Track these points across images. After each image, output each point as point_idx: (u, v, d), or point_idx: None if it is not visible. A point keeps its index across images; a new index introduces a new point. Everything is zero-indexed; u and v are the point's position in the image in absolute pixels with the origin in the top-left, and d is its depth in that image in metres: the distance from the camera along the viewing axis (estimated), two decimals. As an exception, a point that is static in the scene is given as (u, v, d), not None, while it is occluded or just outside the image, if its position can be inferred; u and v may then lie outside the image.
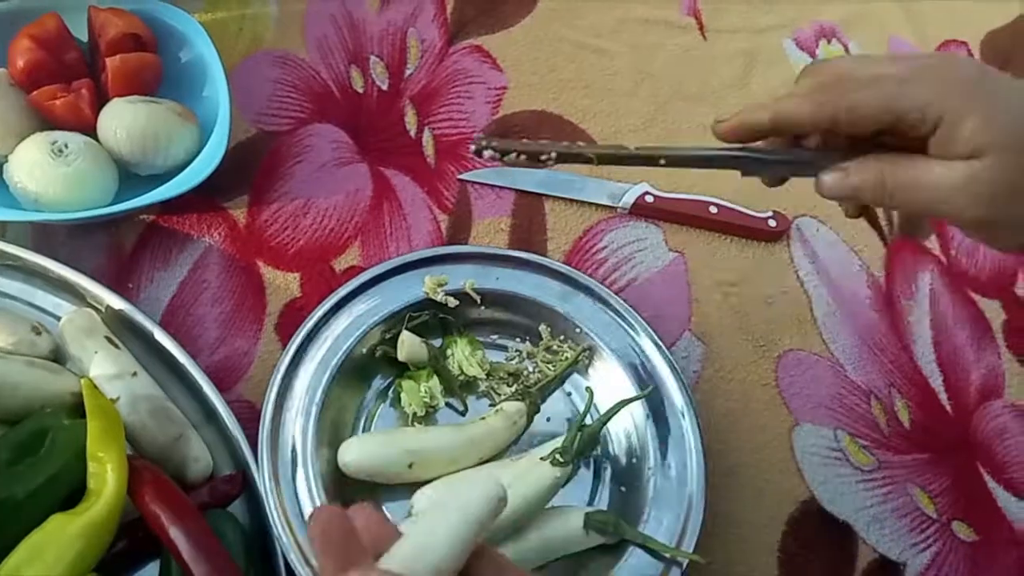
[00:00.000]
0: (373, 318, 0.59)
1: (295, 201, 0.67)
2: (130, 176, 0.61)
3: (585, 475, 0.59)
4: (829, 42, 0.85)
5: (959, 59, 0.41)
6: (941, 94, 0.39)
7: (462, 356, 0.60)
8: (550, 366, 0.62)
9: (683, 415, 0.58)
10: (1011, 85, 0.41)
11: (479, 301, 0.61)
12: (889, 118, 0.41)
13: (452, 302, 0.60)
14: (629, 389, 0.59)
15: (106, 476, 0.47)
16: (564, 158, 0.46)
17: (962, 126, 0.39)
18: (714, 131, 0.46)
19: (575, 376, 0.62)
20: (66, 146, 0.58)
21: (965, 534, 0.64)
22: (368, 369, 0.60)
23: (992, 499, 0.66)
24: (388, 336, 0.59)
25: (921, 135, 0.41)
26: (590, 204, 0.71)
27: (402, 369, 0.60)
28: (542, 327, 0.62)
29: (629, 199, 0.70)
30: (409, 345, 0.58)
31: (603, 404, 0.60)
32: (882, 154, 0.42)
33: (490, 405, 0.60)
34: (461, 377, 0.60)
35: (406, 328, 0.59)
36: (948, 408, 0.68)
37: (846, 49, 0.84)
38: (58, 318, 0.56)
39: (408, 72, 0.74)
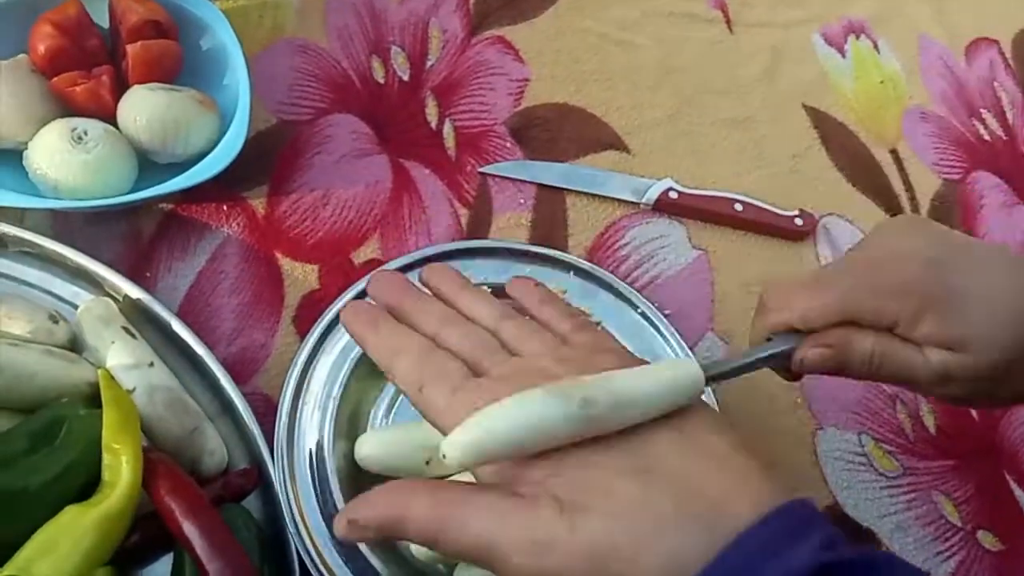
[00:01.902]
0: (392, 312, 0.58)
1: (314, 192, 0.66)
2: (149, 164, 0.61)
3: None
4: (858, 38, 0.83)
5: (907, 257, 0.42)
6: (888, 303, 0.41)
7: None
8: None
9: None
10: (972, 275, 0.41)
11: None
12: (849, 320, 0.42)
13: None
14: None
15: (121, 468, 0.47)
16: None
17: (919, 328, 0.41)
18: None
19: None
20: (86, 133, 0.57)
21: (990, 543, 0.63)
22: (386, 364, 0.59)
23: (1018, 507, 0.65)
24: None
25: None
26: (612, 199, 0.70)
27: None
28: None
29: (653, 195, 0.69)
30: None
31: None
32: (873, 331, 0.42)
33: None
34: None
35: None
36: (974, 414, 0.67)
37: (875, 45, 0.83)
38: (76, 306, 0.55)
39: (429, 63, 0.73)
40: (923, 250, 0.42)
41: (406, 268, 0.59)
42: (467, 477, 0.38)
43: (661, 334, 0.60)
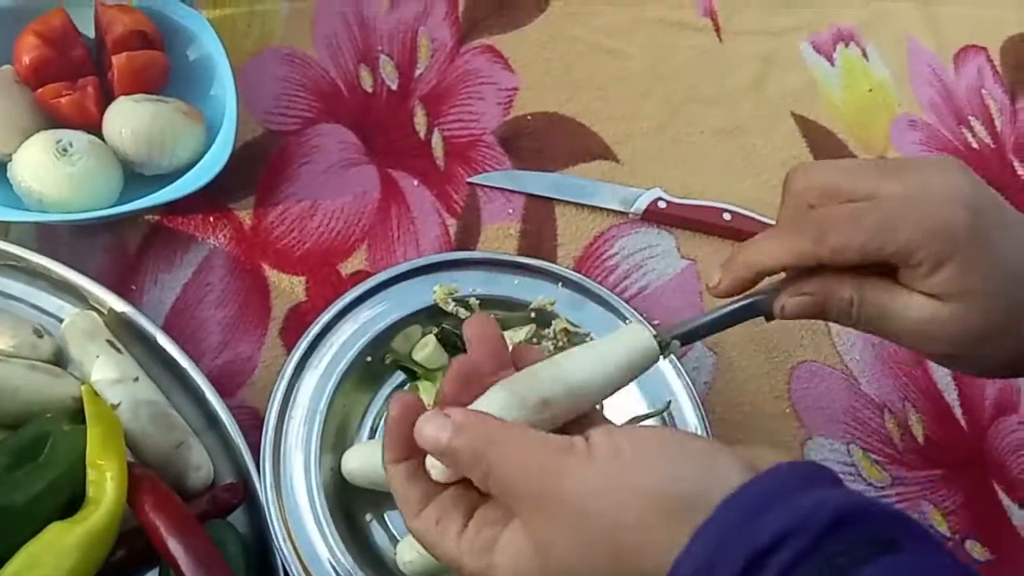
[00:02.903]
0: (380, 324, 0.58)
1: (301, 203, 0.66)
2: (135, 176, 0.61)
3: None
4: (847, 45, 0.83)
5: (952, 199, 0.39)
6: (923, 241, 0.39)
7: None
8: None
9: (695, 427, 0.57)
10: (1003, 232, 0.40)
11: (474, 309, 0.60)
12: (871, 259, 0.40)
13: (463, 313, 0.59)
14: (639, 399, 0.58)
15: (106, 484, 0.46)
16: None
17: (938, 273, 0.39)
18: (712, 295, 0.46)
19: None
20: (71, 145, 0.57)
21: (979, 553, 0.63)
22: (374, 376, 0.59)
23: (1006, 517, 0.65)
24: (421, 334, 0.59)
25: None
26: (601, 209, 0.70)
27: (411, 375, 0.60)
28: (555, 322, 0.60)
29: (641, 204, 0.69)
30: (432, 348, 0.58)
31: (612, 414, 0.58)
32: (853, 276, 0.42)
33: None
34: None
35: (436, 336, 0.58)
36: (963, 423, 0.67)
37: (864, 53, 0.83)
38: (61, 320, 0.55)
39: (418, 72, 0.73)
40: (967, 196, 0.39)
41: (394, 280, 0.59)
42: None
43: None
